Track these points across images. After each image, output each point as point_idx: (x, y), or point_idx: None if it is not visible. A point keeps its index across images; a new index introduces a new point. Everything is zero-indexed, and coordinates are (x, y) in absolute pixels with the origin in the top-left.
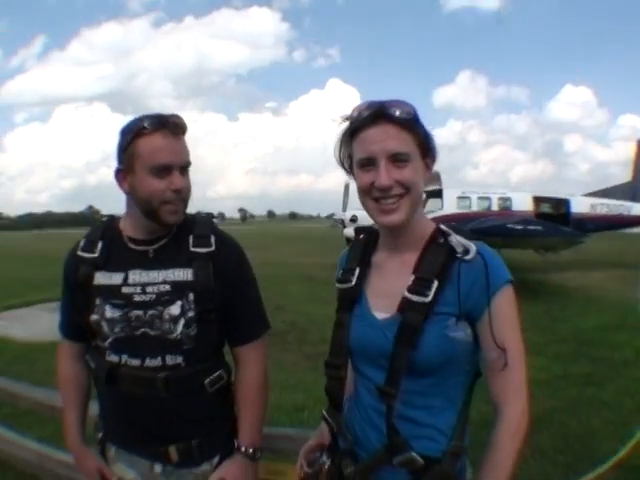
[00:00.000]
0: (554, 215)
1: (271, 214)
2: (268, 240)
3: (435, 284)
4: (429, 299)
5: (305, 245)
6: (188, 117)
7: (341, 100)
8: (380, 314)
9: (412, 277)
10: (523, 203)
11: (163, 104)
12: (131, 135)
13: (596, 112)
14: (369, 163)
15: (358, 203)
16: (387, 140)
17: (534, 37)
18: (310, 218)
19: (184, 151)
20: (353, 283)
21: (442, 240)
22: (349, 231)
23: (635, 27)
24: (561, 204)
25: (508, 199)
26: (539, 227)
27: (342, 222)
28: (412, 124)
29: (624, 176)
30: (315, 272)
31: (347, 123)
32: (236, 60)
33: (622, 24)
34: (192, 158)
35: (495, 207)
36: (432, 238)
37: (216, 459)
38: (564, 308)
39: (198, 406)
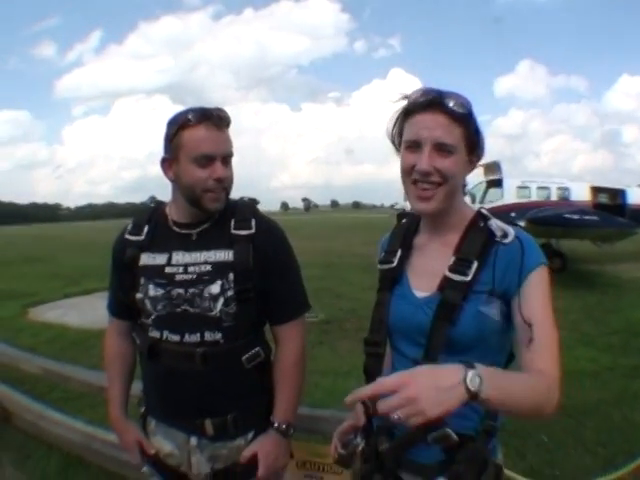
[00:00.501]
0: (611, 205)
1: (334, 203)
2: (331, 229)
3: (475, 264)
4: (469, 278)
5: (367, 234)
6: (251, 108)
7: (404, 89)
8: (420, 292)
9: (453, 258)
10: (581, 193)
11: (225, 95)
12: (176, 127)
13: None
14: (415, 145)
15: None
16: (436, 128)
17: (589, 26)
18: (374, 207)
19: (227, 142)
20: (395, 264)
21: (482, 224)
22: None
23: None
24: (617, 194)
25: (567, 189)
26: (595, 217)
27: (404, 211)
28: (464, 118)
29: None
30: (376, 261)
31: (404, 102)
32: (297, 51)
33: None
34: (255, 149)
35: (554, 197)
36: (473, 222)
37: (250, 434)
38: (618, 299)
39: (235, 381)
